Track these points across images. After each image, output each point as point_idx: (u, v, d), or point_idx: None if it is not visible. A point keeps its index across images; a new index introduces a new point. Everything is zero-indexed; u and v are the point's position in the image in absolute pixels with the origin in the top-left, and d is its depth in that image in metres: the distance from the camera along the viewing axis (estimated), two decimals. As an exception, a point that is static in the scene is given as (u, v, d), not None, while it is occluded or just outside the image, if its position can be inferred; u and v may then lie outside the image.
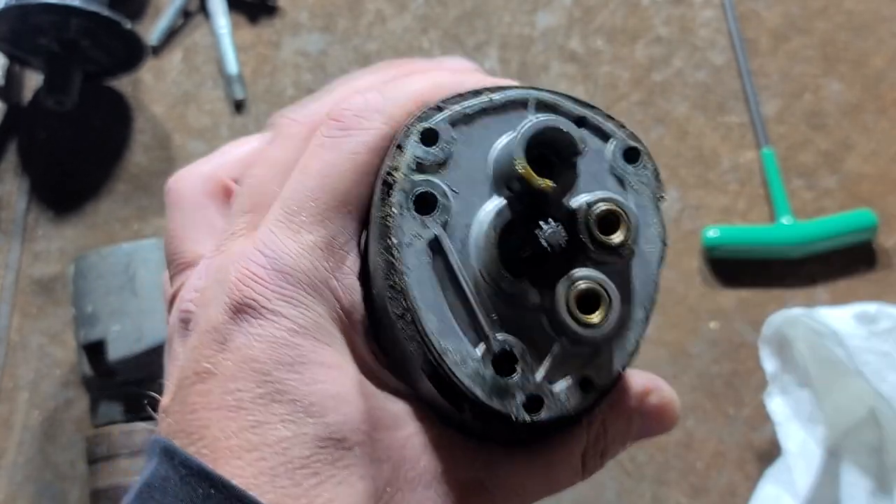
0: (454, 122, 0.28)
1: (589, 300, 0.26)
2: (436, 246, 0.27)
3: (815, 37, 0.80)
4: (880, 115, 0.77)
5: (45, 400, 0.69)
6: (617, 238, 0.26)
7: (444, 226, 0.27)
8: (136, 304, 0.59)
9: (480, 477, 0.29)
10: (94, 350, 0.60)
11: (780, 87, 0.78)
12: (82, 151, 0.77)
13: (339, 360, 0.27)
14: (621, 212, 0.26)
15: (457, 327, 0.27)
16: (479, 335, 0.27)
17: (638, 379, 0.31)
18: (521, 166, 0.26)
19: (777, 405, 0.62)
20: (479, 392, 0.27)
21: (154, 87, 0.79)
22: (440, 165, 0.27)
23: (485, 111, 0.28)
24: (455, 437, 0.29)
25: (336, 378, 0.26)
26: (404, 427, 0.28)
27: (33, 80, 0.79)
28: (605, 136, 0.29)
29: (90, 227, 0.74)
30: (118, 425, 0.60)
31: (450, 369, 0.27)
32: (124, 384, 0.60)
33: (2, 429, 0.68)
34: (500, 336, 0.27)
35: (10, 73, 0.76)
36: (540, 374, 0.27)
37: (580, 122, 0.28)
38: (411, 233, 0.27)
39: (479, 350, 0.27)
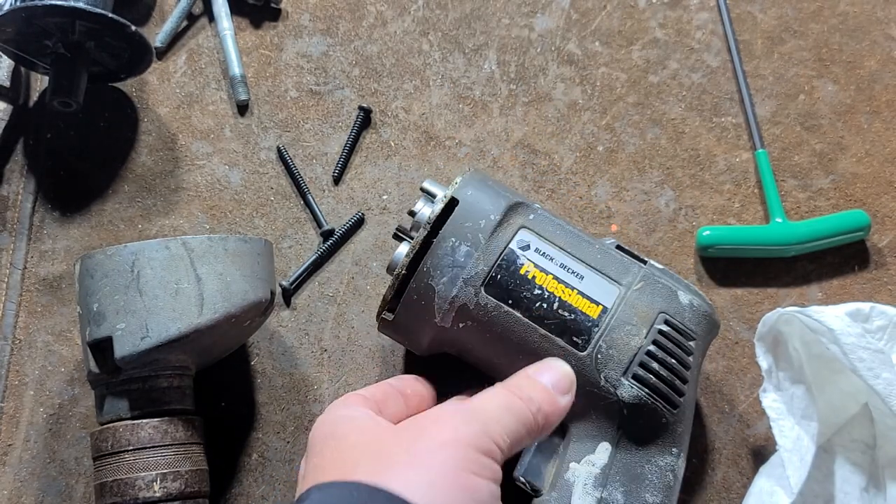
0: None
1: None
2: None
3: (810, 39, 0.80)
4: (874, 116, 0.78)
5: (50, 397, 0.69)
6: None
7: None
8: (142, 302, 0.59)
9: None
10: (100, 347, 0.60)
11: (775, 88, 0.79)
12: (88, 152, 0.77)
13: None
14: None
15: None
16: None
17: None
18: None
19: (771, 402, 0.62)
20: None
21: (159, 89, 0.79)
22: None
23: None
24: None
25: None
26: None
27: (39, 82, 0.80)
28: None
29: (95, 226, 0.75)
30: (123, 421, 0.60)
31: None
32: (129, 381, 0.60)
33: (8, 425, 0.68)
34: None
35: (16, 75, 0.77)
36: None
37: None
38: None
39: None
